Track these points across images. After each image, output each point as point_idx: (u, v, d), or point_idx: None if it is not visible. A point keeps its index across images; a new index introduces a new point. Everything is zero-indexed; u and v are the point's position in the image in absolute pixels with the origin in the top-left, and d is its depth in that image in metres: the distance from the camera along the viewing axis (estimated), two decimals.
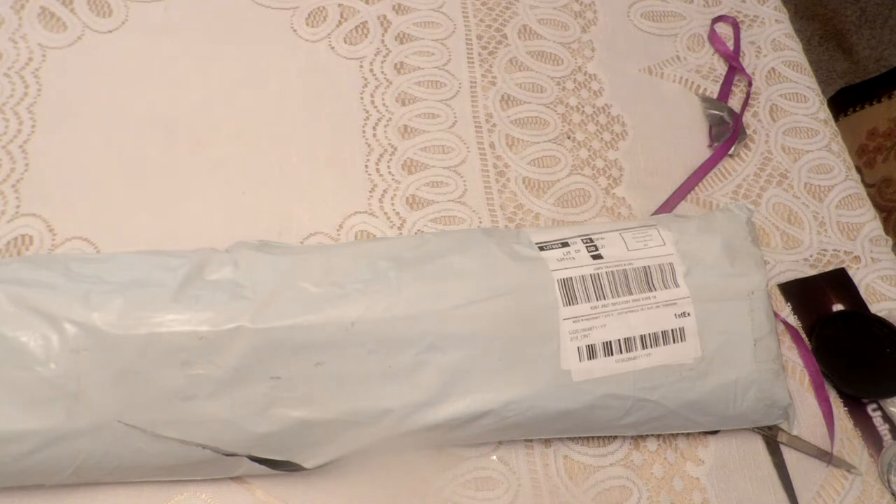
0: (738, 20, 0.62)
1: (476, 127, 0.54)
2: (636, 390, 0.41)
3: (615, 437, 0.44)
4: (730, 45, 0.61)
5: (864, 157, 0.90)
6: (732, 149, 0.55)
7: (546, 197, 0.52)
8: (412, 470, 0.42)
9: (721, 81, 0.59)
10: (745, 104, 0.58)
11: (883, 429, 0.46)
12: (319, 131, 0.52)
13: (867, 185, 0.76)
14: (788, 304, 0.50)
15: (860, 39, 1.31)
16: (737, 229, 0.45)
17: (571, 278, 0.41)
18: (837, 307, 0.50)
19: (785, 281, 0.51)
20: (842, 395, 0.47)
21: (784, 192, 0.54)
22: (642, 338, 0.41)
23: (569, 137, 0.55)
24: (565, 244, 0.43)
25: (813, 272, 0.51)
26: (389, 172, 0.51)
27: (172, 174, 0.49)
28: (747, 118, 0.57)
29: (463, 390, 0.39)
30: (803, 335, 0.49)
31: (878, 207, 0.72)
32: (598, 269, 0.42)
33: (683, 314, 0.41)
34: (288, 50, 0.56)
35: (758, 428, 0.45)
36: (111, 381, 0.36)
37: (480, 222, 0.50)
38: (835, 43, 1.31)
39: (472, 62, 0.57)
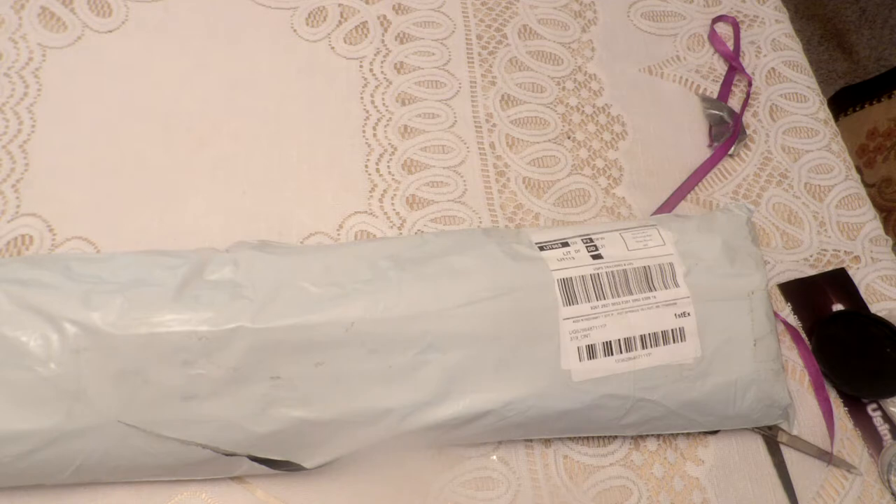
0: (738, 20, 0.62)
1: (476, 127, 0.54)
2: (636, 390, 0.41)
3: (615, 437, 0.44)
4: (730, 44, 0.61)
5: (864, 157, 0.90)
6: (732, 149, 0.55)
7: (546, 197, 0.52)
8: (412, 470, 0.42)
9: (721, 81, 0.59)
10: (745, 104, 0.58)
11: (883, 429, 0.46)
12: (319, 131, 0.52)
13: (867, 185, 0.76)
14: (788, 304, 0.50)
15: (860, 39, 1.31)
16: (737, 229, 0.45)
17: (571, 278, 0.41)
18: (837, 307, 0.50)
19: (785, 281, 0.51)
20: (842, 395, 0.47)
21: (784, 192, 0.54)
22: (642, 338, 0.41)
23: (569, 137, 0.55)
24: (565, 244, 0.43)
25: (813, 272, 0.51)
26: (389, 172, 0.51)
27: (172, 174, 0.49)
28: (747, 118, 0.57)
29: (463, 390, 0.39)
30: (803, 335, 0.49)
31: (878, 207, 0.72)
32: (598, 269, 0.42)
33: (683, 314, 0.41)
34: (288, 50, 0.55)
35: (758, 428, 0.45)
36: (111, 381, 0.36)
37: (480, 222, 0.50)
38: (835, 43, 1.31)
39: (472, 62, 0.57)
